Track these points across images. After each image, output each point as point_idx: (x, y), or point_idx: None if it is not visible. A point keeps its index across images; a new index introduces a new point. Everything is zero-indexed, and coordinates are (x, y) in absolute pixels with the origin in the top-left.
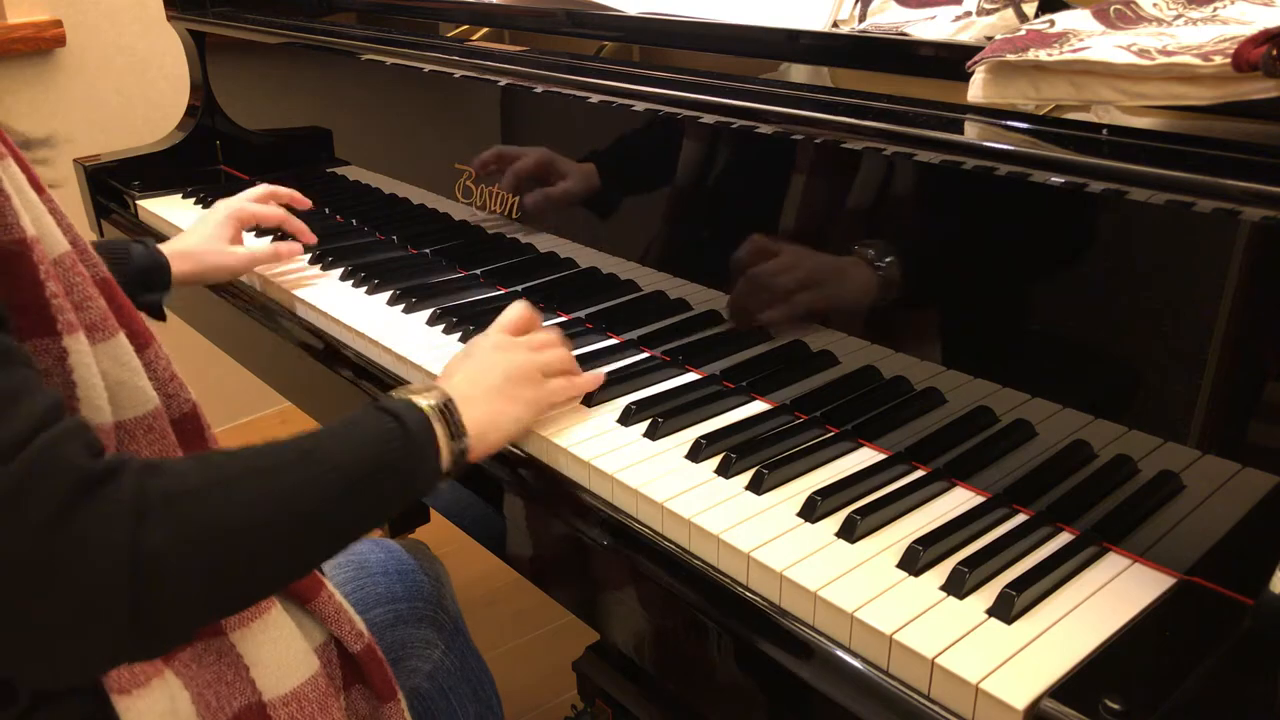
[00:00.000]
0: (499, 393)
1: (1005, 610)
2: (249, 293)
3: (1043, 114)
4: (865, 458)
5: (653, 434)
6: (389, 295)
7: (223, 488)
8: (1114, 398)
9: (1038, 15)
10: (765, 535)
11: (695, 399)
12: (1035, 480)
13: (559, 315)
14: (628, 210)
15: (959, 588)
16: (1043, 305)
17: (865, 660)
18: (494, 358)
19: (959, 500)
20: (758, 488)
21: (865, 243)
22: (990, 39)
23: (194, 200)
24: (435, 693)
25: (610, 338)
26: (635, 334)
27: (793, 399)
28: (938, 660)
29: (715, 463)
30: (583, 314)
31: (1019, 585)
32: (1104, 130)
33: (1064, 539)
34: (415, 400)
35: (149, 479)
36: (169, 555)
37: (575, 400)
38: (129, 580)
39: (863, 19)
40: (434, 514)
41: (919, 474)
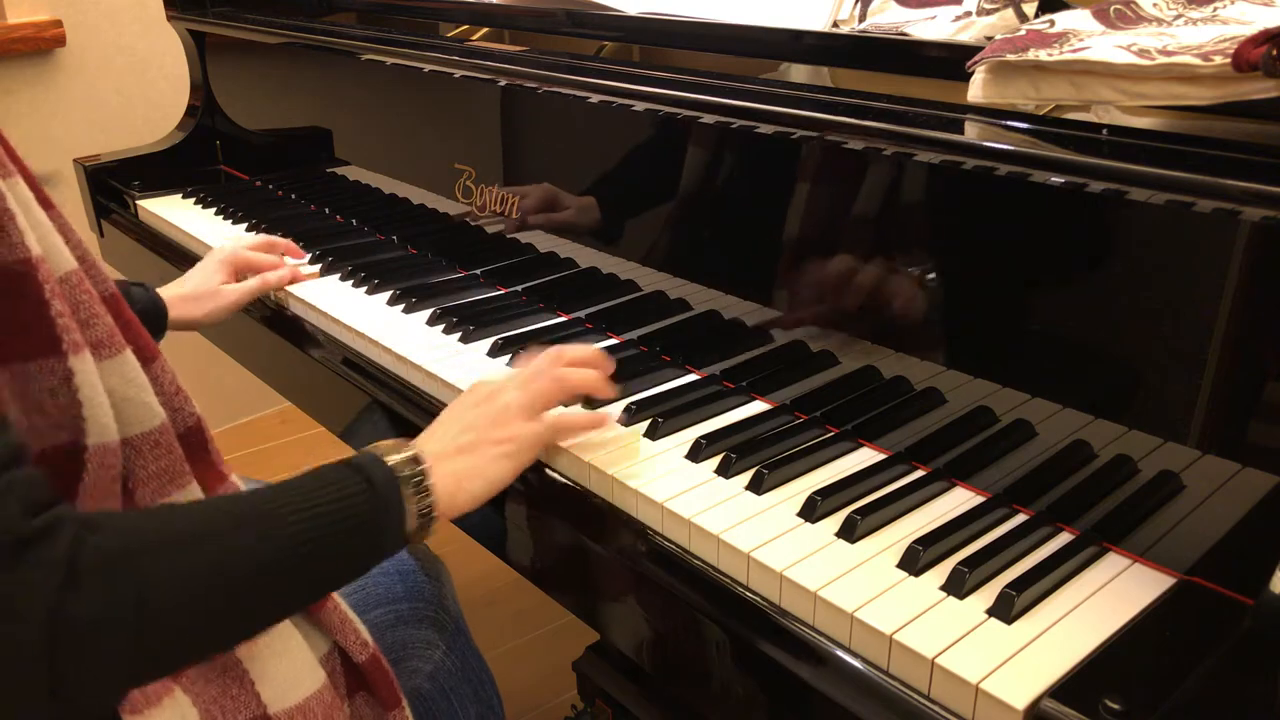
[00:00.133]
0: (471, 449)
1: (1005, 610)
2: None
3: (1043, 114)
4: (865, 458)
5: (653, 434)
6: (389, 295)
7: (169, 549)
8: (1114, 398)
9: (1038, 15)
10: (765, 535)
11: (695, 399)
12: (1035, 480)
13: (559, 315)
14: (628, 210)
15: (959, 588)
16: (1043, 305)
17: (865, 660)
18: (474, 412)
19: (959, 500)
20: (758, 488)
21: (865, 243)
22: (990, 39)
23: (194, 200)
24: (436, 693)
25: (610, 338)
26: (635, 334)
27: (793, 399)
28: (938, 660)
29: (715, 463)
30: (583, 314)
31: (1019, 585)
32: (1104, 130)
33: (1064, 539)
34: (384, 458)
35: (88, 537)
36: (95, 624)
37: (575, 434)
38: (47, 653)
39: (863, 19)
40: None
41: (919, 474)
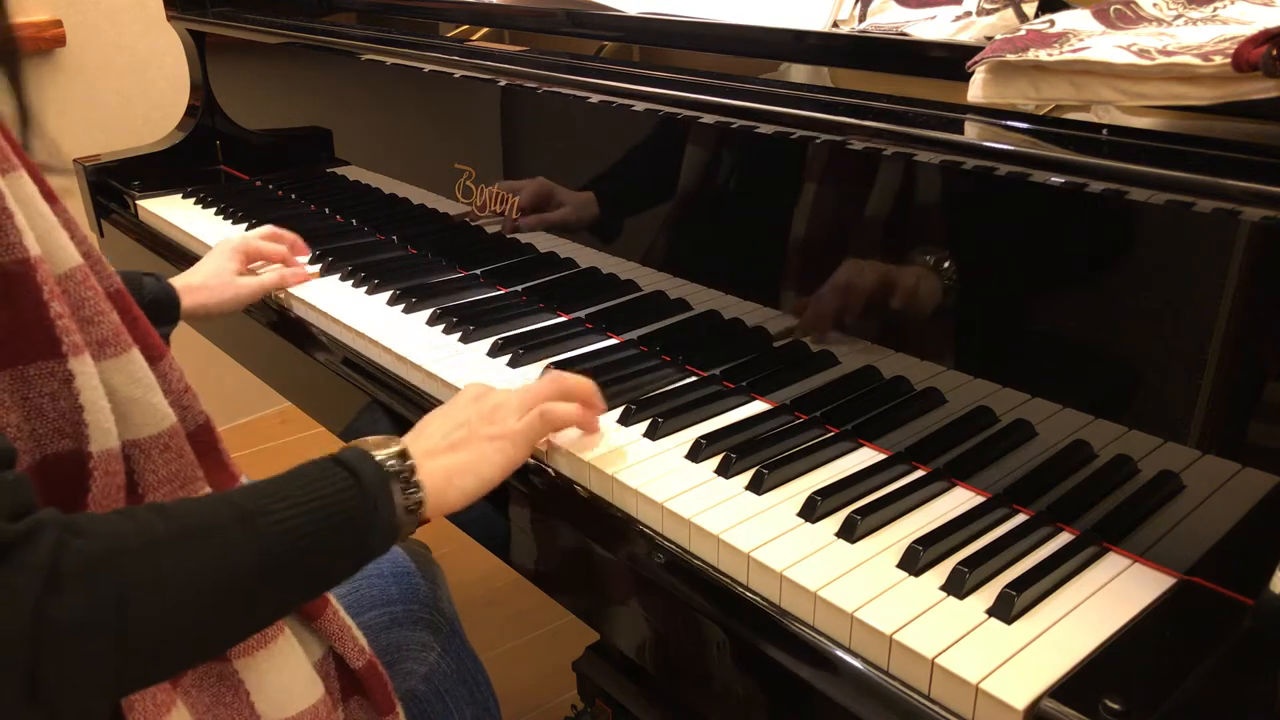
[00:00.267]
0: (462, 445)
1: (1005, 610)
2: None
3: (1043, 114)
4: (865, 458)
5: (653, 434)
6: (389, 295)
7: (151, 550)
8: (1114, 398)
9: (1038, 15)
10: (765, 535)
11: (695, 399)
12: (1035, 480)
13: (559, 315)
14: (628, 210)
15: (959, 588)
16: (1042, 305)
17: (865, 660)
18: (466, 410)
19: (959, 500)
20: (758, 488)
21: (865, 244)
22: (990, 39)
23: (194, 200)
24: (431, 695)
25: (610, 338)
26: (635, 334)
27: (793, 399)
28: (938, 660)
29: (715, 463)
30: (583, 314)
31: (1019, 585)
32: (1104, 130)
33: (1064, 539)
34: (372, 453)
35: (70, 540)
36: (77, 629)
37: (568, 424)
38: (26, 656)
39: (863, 19)
40: None
41: (919, 474)
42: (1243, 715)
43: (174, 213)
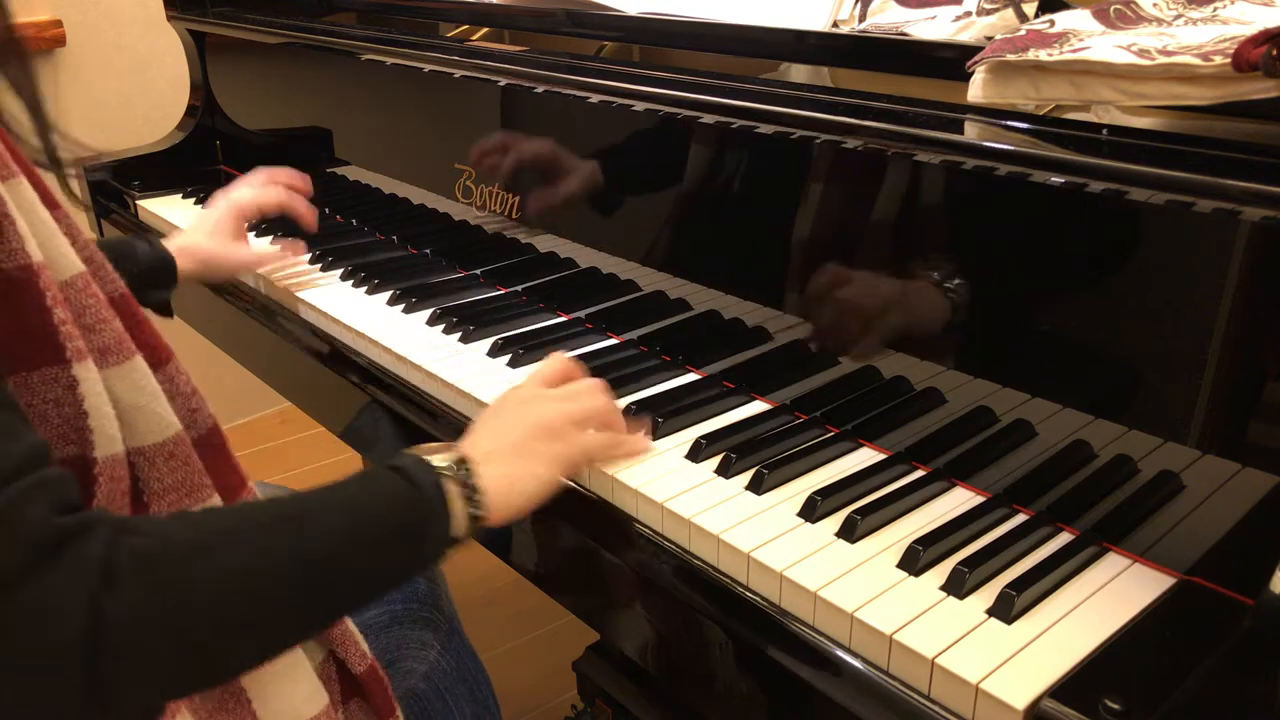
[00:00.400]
0: (522, 449)
1: (1005, 610)
2: (249, 293)
3: (1043, 114)
4: (865, 458)
5: (653, 434)
6: (389, 295)
7: (206, 551)
8: (1114, 398)
9: (1038, 15)
10: (765, 535)
11: (695, 399)
12: (1035, 480)
13: (559, 315)
14: (628, 210)
15: (959, 588)
16: (1042, 305)
17: (865, 660)
18: (519, 412)
19: (959, 500)
20: (758, 488)
21: (865, 243)
22: (990, 39)
23: (194, 200)
24: (431, 694)
25: (610, 338)
26: (635, 334)
27: (793, 399)
28: (938, 660)
29: (715, 463)
30: (583, 314)
31: (1019, 585)
32: (1104, 130)
33: (1064, 539)
34: (428, 459)
35: (123, 539)
36: (135, 625)
37: (616, 459)
38: (86, 652)
39: (863, 19)
40: None
41: (919, 474)
42: (1243, 715)
43: (174, 213)
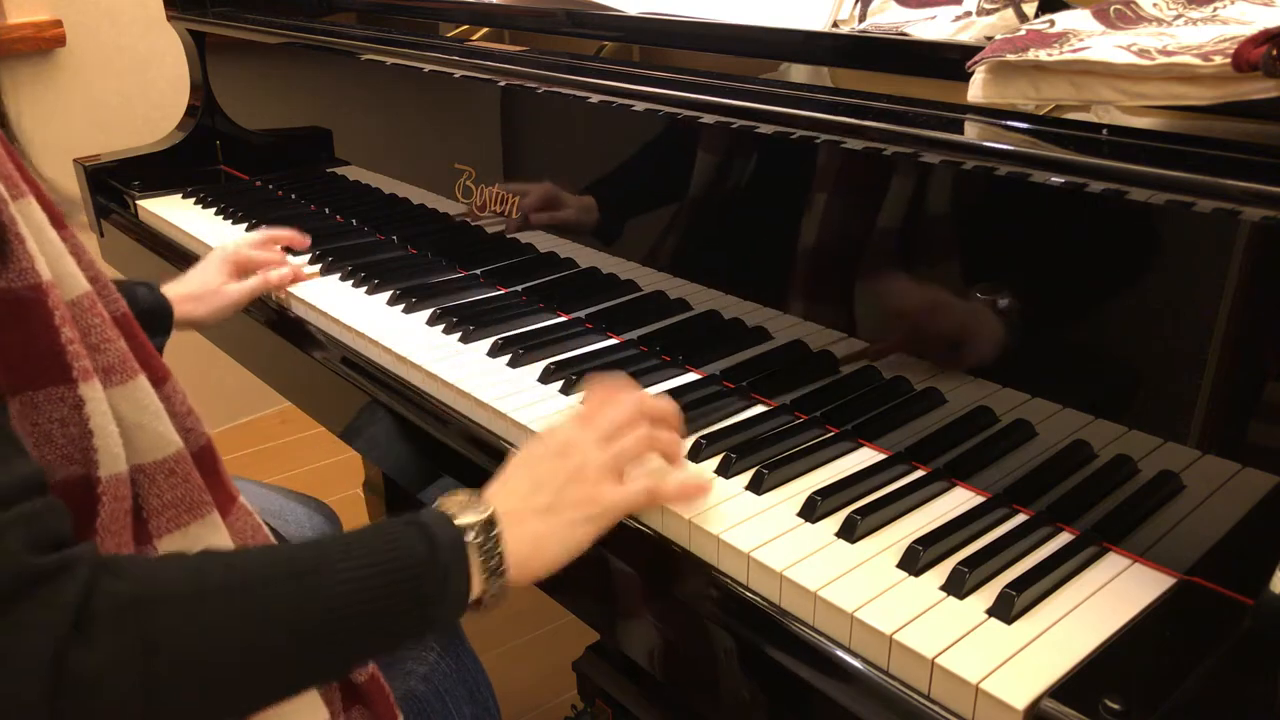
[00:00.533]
0: (550, 512)
1: (1005, 610)
2: None
3: (1043, 114)
4: (865, 458)
5: None
6: (389, 295)
7: (194, 602)
8: (1114, 398)
9: (1038, 15)
10: (765, 535)
11: (695, 399)
12: (1035, 480)
13: (559, 315)
14: (628, 210)
15: (959, 588)
16: (1043, 305)
17: (865, 660)
18: (554, 465)
19: (959, 500)
20: (758, 488)
21: (864, 243)
22: (990, 39)
23: (194, 200)
24: (431, 695)
25: (610, 338)
26: (635, 334)
27: (793, 399)
28: (938, 660)
29: (715, 463)
30: (583, 314)
31: (1019, 585)
32: (1104, 130)
33: (1064, 539)
34: (455, 518)
35: (104, 582)
36: (104, 677)
37: (643, 503)
38: (47, 706)
39: (863, 19)
40: None
41: (919, 474)
42: (1243, 715)
43: (174, 213)
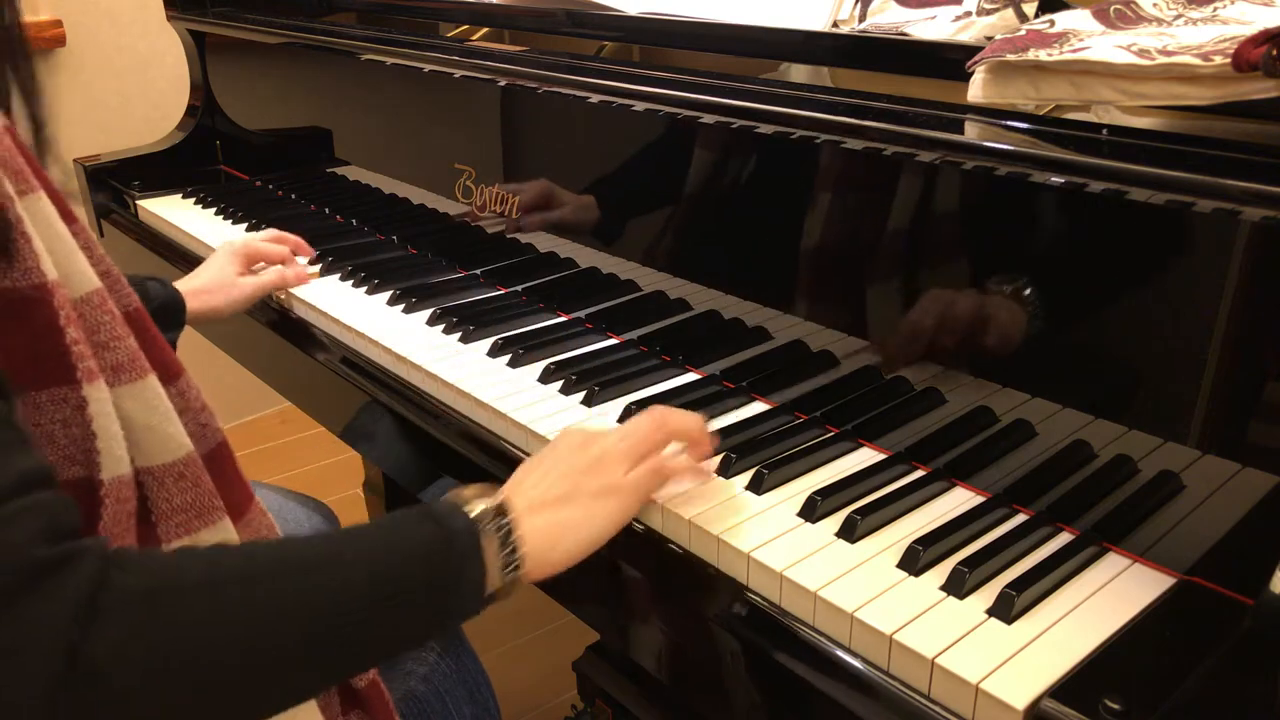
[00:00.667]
0: (568, 502)
1: (1005, 610)
2: None
3: (1043, 114)
4: (865, 458)
5: None
6: (389, 295)
7: (202, 593)
8: (1114, 398)
9: (1038, 15)
10: (765, 535)
11: (695, 399)
12: (1035, 480)
13: (559, 315)
14: (628, 210)
15: (959, 588)
16: (1043, 305)
17: (865, 660)
18: (567, 461)
19: (959, 500)
20: (758, 488)
21: (864, 243)
22: (990, 39)
23: (194, 200)
24: (431, 695)
25: (610, 338)
26: (635, 334)
27: (793, 399)
28: (938, 660)
29: (715, 463)
30: (583, 314)
31: (1019, 585)
32: (1104, 130)
33: (1064, 539)
34: (466, 507)
35: (114, 573)
36: (110, 671)
37: (665, 481)
38: (60, 693)
39: (863, 19)
40: None
41: (919, 474)
42: (1243, 715)
43: (174, 213)
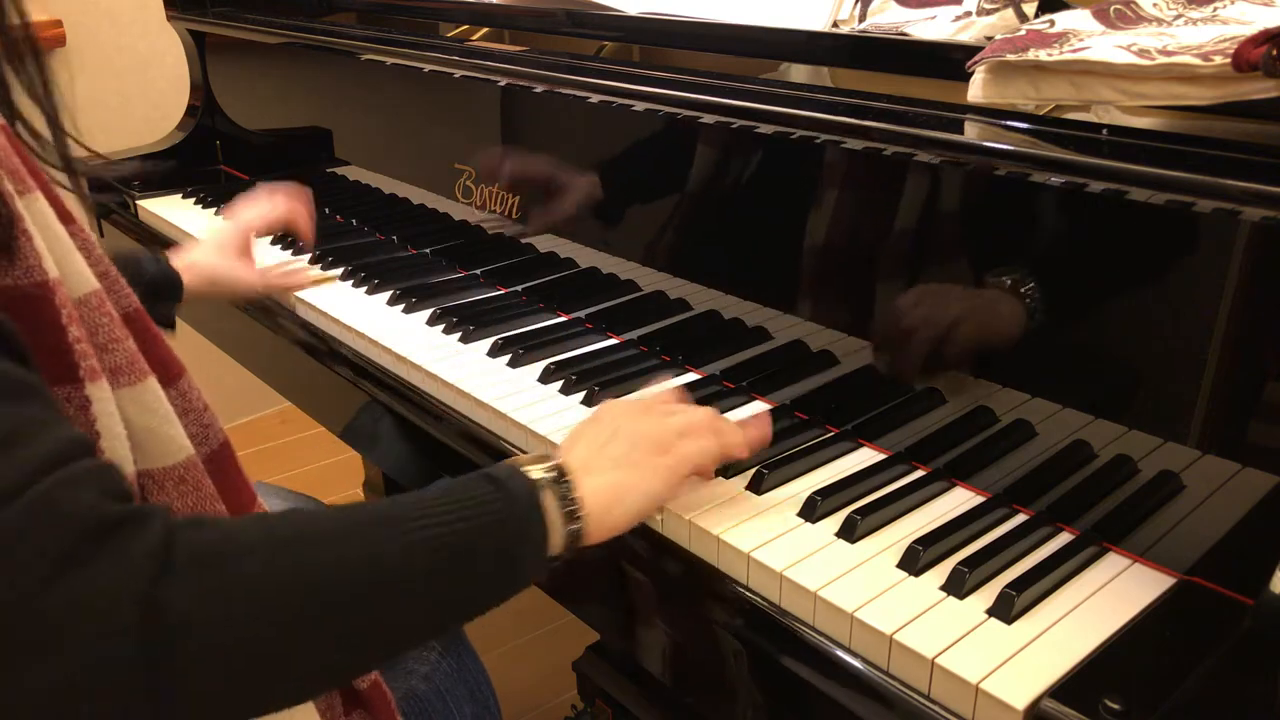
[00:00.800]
0: (626, 461)
1: (1005, 610)
2: None
3: (1043, 114)
4: (865, 458)
5: None
6: (389, 295)
7: (273, 547)
8: (1114, 398)
9: (1038, 15)
10: (765, 535)
11: (695, 399)
12: (1035, 480)
13: (559, 315)
14: (628, 210)
15: (959, 588)
16: (1043, 305)
17: (865, 660)
18: (621, 422)
19: (959, 500)
20: (758, 488)
21: (864, 243)
22: (990, 39)
23: (194, 200)
24: (432, 694)
25: (610, 338)
26: (635, 334)
27: (793, 399)
28: (938, 660)
29: None
30: (583, 314)
31: (1019, 585)
32: (1104, 130)
33: (1064, 539)
34: (524, 469)
35: (184, 532)
36: (190, 621)
37: (716, 457)
38: (143, 641)
39: (863, 19)
40: None
41: (919, 474)
42: (1243, 715)
43: (174, 213)
